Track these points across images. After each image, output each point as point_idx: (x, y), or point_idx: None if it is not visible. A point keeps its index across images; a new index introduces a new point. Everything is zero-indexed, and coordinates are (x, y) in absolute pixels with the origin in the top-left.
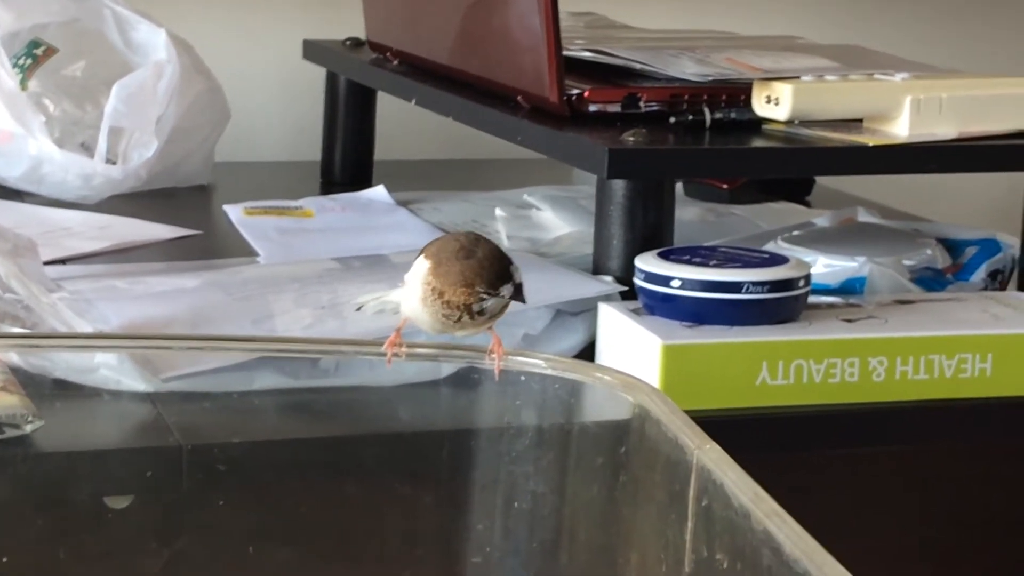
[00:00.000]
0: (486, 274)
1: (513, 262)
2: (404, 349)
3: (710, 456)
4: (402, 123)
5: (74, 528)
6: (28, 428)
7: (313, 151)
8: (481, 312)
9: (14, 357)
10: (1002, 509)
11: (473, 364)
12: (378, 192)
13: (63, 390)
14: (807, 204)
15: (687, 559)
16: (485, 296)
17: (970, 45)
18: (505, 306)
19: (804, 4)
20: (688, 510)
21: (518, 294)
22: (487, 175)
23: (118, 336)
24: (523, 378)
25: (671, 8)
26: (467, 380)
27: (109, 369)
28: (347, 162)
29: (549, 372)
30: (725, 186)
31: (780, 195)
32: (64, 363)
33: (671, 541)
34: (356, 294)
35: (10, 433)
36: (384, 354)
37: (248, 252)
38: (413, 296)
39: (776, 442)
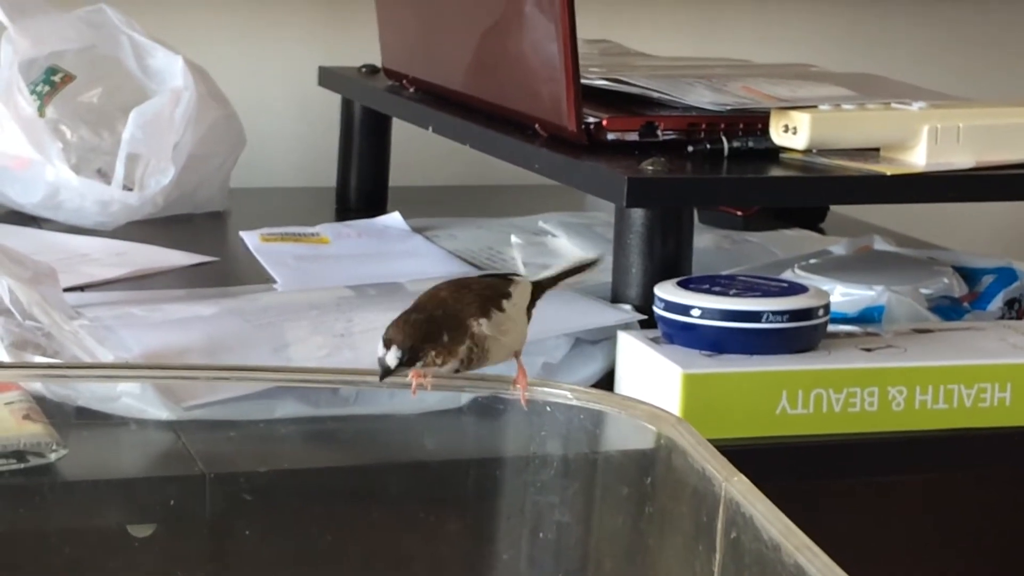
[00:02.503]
0: (388, 329)
1: (443, 337)
2: (430, 380)
3: (738, 488)
4: (417, 149)
5: (97, 557)
6: (52, 457)
7: (328, 177)
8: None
9: (38, 386)
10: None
11: (497, 393)
12: (393, 219)
13: (86, 419)
14: (821, 231)
15: None
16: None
17: (981, 72)
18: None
19: (811, 30)
20: (716, 542)
21: (407, 363)
22: (501, 201)
23: (140, 366)
24: (548, 408)
25: (677, 33)
26: (490, 409)
27: (132, 397)
28: (362, 188)
29: (574, 403)
30: (740, 213)
31: (794, 222)
32: (87, 392)
33: (698, 574)
34: (372, 322)
35: (34, 462)
36: (409, 384)
37: (265, 279)
38: None
39: (796, 471)
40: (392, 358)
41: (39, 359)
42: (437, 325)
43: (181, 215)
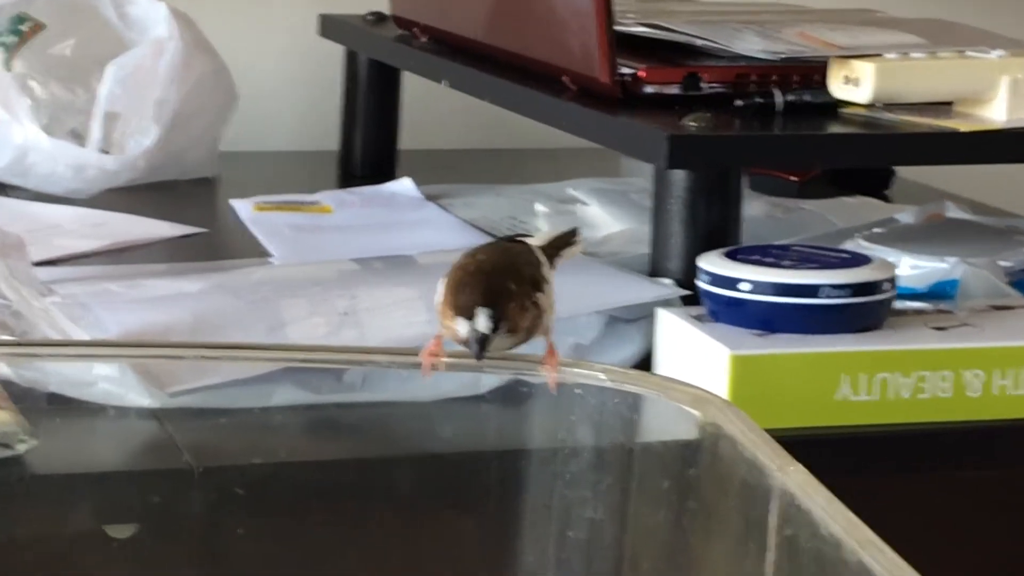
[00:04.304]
0: (458, 298)
1: (511, 292)
2: (444, 359)
3: (794, 479)
4: (430, 107)
5: (72, 560)
6: (21, 448)
7: (330, 139)
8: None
9: (5, 368)
10: None
11: (521, 376)
12: (403, 185)
13: (59, 406)
14: (885, 198)
15: None
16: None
17: None
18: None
19: None
20: (768, 540)
21: (479, 339)
22: (525, 166)
23: (121, 344)
24: (578, 391)
25: None
26: (514, 394)
27: (110, 382)
28: (369, 152)
29: (608, 384)
30: (794, 178)
31: (855, 188)
32: (60, 375)
33: (749, 575)
34: (379, 299)
35: (1, 453)
36: (419, 364)
37: (259, 252)
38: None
39: (857, 465)
40: (483, 323)
41: (5, 338)
42: (502, 283)
43: (165, 181)
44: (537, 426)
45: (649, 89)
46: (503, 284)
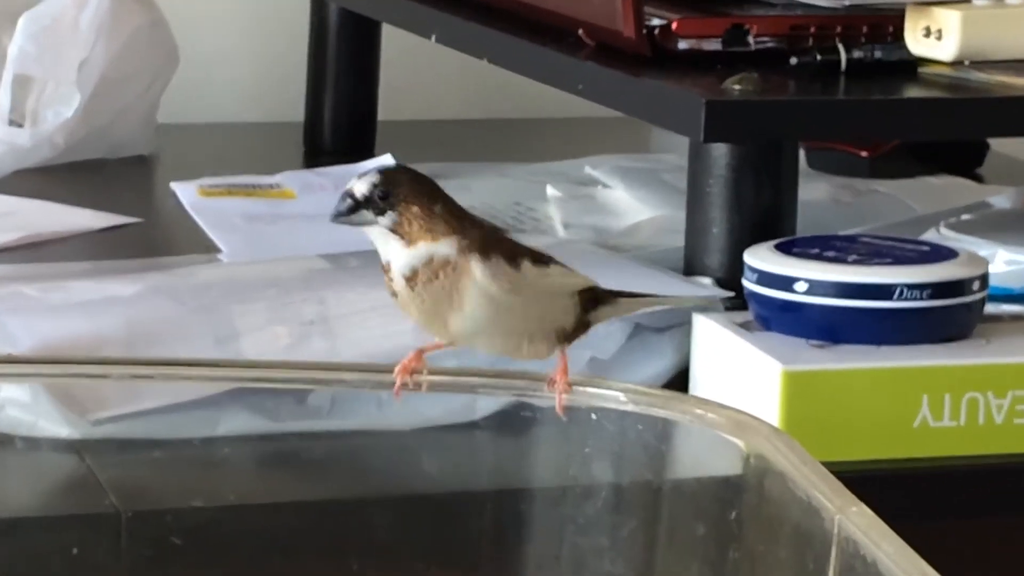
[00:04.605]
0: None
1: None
2: (426, 377)
3: (857, 522)
4: (416, 69)
5: None
6: None
7: (294, 109)
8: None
9: None
10: None
11: (524, 398)
12: (384, 164)
13: None
14: (977, 178)
15: None
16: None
17: None
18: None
19: None
20: None
21: None
22: (532, 140)
23: (34, 361)
24: (594, 416)
25: None
26: (515, 420)
27: (19, 407)
28: (341, 123)
29: (630, 408)
30: (865, 153)
31: (939, 166)
32: None
33: None
34: (353, 304)
35: None
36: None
37: (206, 247)
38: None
39: (937, 507)
40: (363, 186)
41: None
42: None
43: (91, 160)
44: (543, 460)
45: (683, 44)
46: (430, 191)
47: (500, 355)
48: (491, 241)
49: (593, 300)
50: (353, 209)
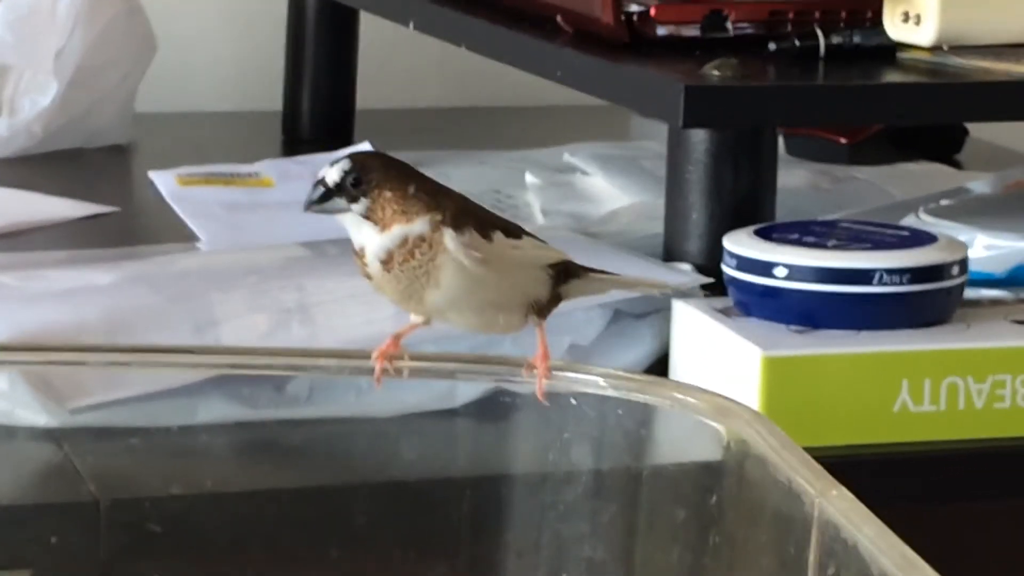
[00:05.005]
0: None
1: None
2: (405, 363)
3: (838, 506)
4: (394, 57)
5: None
6: None
7: (272, 97)
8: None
9: None
10: None
11: (503, 383)
12: (355, 150)
13: None
14: (957, 164)
15: None
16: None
17: None
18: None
19: None
20: None
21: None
22: (511, 128)
23: (12, 348)
24: (574, 401)
25: None
26: (495, 406)
27: None
28: (319, 112)
29: (610, 393)
30: (844, 140)
31: (918, 152)
32: None
33: None
34: (332, 291)
35: None
36: (372, 369)
37: (184, 235)
38: None
39: (918, 491)
40: (334, 173)
41: None
42: (406, 181)
43: (68, 150)
44: (523, 446)
45: (662, 31)
46: (402, 174)
47: (475, 329)
48: (463, 213)
49: (565, 274)
50: (325, 197)
